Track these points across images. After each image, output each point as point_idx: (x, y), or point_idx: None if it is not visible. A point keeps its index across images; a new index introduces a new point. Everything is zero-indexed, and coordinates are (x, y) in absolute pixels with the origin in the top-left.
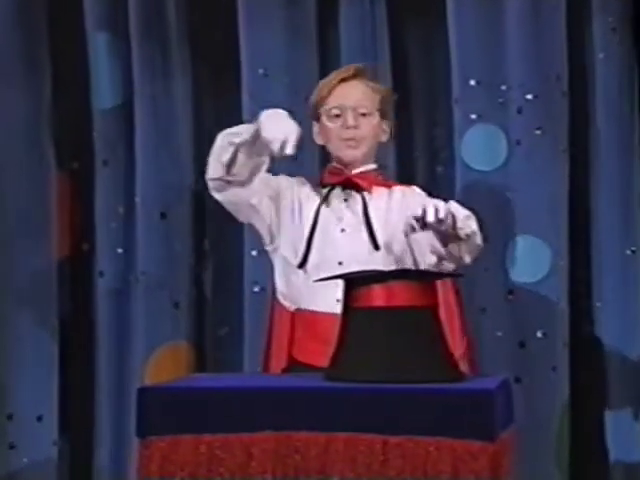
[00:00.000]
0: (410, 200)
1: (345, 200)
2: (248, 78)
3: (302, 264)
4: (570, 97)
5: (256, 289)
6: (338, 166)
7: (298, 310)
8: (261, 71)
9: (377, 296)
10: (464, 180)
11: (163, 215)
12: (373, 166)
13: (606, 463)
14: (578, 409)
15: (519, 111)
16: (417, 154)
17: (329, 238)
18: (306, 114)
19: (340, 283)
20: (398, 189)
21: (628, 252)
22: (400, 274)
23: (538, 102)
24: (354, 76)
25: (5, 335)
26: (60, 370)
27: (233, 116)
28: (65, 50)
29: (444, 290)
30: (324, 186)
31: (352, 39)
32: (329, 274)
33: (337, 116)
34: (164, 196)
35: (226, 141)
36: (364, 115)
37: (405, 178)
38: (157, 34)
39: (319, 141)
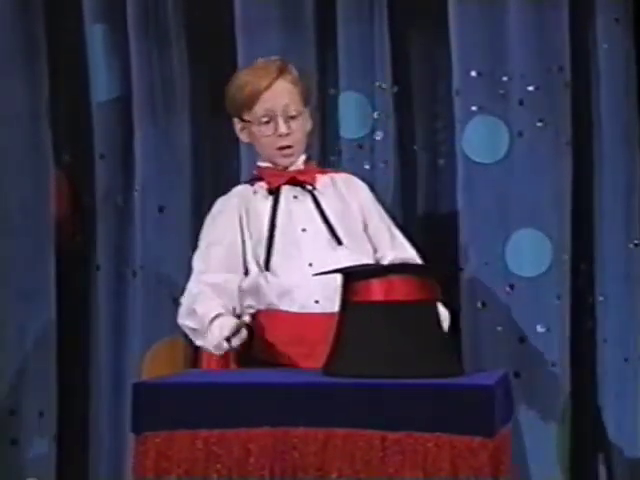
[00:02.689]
0: (360, 196)
1: (295, 197)
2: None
3: (265, 269)
4: (572, 88)
5: None
6: (275, 167)
7: (261, 311)
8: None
9: (376, 290)
10: (465, 173)
11: (161, 209)
12: (304, 156)
13: (607, 458)
14: (579, 404)
15: (521, 103)
16: (418, 147)
17: (291, 239)
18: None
19: (311, 284)
20: (337, 177)
21: (631, 245)
22: (400, 268)
23: (540, 93)
24: (276, 77)
25: (5, 331)
26: (59, 365)
27: None
28: (62, 42)
29: None
30: (269, 190)
31: (350, 29)
32: (300, 275)
33: (267, 122)
34: (162, 190)
35: (184, 327)
36: (294, 117)
37: (406, 171)
38: (154, 26)
39: (244, 139)
